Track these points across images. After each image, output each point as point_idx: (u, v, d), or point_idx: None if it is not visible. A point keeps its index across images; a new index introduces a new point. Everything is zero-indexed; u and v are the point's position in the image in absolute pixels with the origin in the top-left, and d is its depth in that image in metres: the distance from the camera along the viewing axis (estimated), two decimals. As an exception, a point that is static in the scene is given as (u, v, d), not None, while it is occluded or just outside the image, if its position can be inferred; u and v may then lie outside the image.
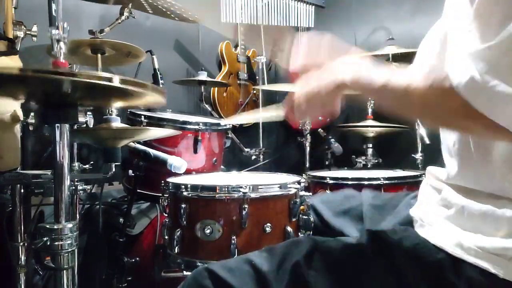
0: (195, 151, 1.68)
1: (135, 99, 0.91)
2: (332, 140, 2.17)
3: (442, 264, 0.66)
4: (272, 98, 3.22)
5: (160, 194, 1.22)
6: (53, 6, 0.98)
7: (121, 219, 1.66)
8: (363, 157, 2.45)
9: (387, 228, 0.78)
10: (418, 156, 2.17)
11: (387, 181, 1.63)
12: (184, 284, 0.74)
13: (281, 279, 0.70)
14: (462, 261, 0.65)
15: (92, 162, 1.65)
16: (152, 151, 1.43)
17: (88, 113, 1.46)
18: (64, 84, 0.76)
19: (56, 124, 0.89)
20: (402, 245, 0.71)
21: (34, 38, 1.21)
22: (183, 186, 1.13)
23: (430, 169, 0.85)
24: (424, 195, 0.84)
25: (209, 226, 1.08)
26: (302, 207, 1.13)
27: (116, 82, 0.72)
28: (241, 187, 1.07)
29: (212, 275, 0.71)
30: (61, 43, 0.88)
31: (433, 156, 0.79)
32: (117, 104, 1.07)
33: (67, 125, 0.90)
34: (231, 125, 1.89)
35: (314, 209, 1.08)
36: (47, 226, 0.88)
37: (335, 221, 0.97)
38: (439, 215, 0.73)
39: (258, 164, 2.59)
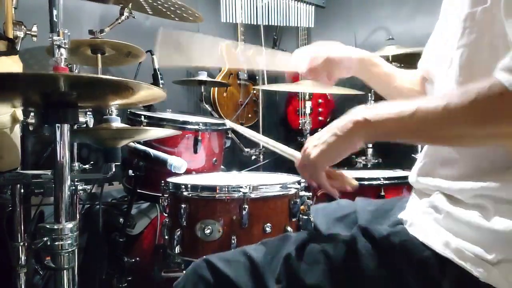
0: (195, 151, 1.67)
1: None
2: (332, 140, 2.16)
3: (428, 261, 0.68)
4: (272, 98, 3.22)
5: (160, 194, 1.22)
6: (54, 12, 0.98)
7: (121, 219, 1.66)
8: (363, 157, 2.44)
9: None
10: (418, 156, 2.16)
11: (387, 181, 1.63)
12: (184, 274, 0.77)
13: (272, 270, 0.72)
14: (447, 260, 0.66)
15: (92, 162, 1.65)
16: (152, 151, 1.43)
17: (88, 113, 1.46)
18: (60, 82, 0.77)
19: (56, 124, 0.89)
20: (391, 240, 0.72)
21: (34, 38, 1.21)
22: (183, 186, 1.13)
23: (411, 177, 0.86)
24: (413, 200, 0.85)
25: (209, 226, 1.07)
26: (302, 207, 1.13)
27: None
28: (241, 187, 1.07)
29: (210, 266, 0.74)
30: (62, 49, 0.88)
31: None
32: (115, 102, 1.06)
33: (67, 125, 0.90)
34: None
35: None
36: (47, 226, 0.88)
37: (329, 229, 0.98)
38: (428, 216, 0.74)
39: (258, 164, 2.59)
